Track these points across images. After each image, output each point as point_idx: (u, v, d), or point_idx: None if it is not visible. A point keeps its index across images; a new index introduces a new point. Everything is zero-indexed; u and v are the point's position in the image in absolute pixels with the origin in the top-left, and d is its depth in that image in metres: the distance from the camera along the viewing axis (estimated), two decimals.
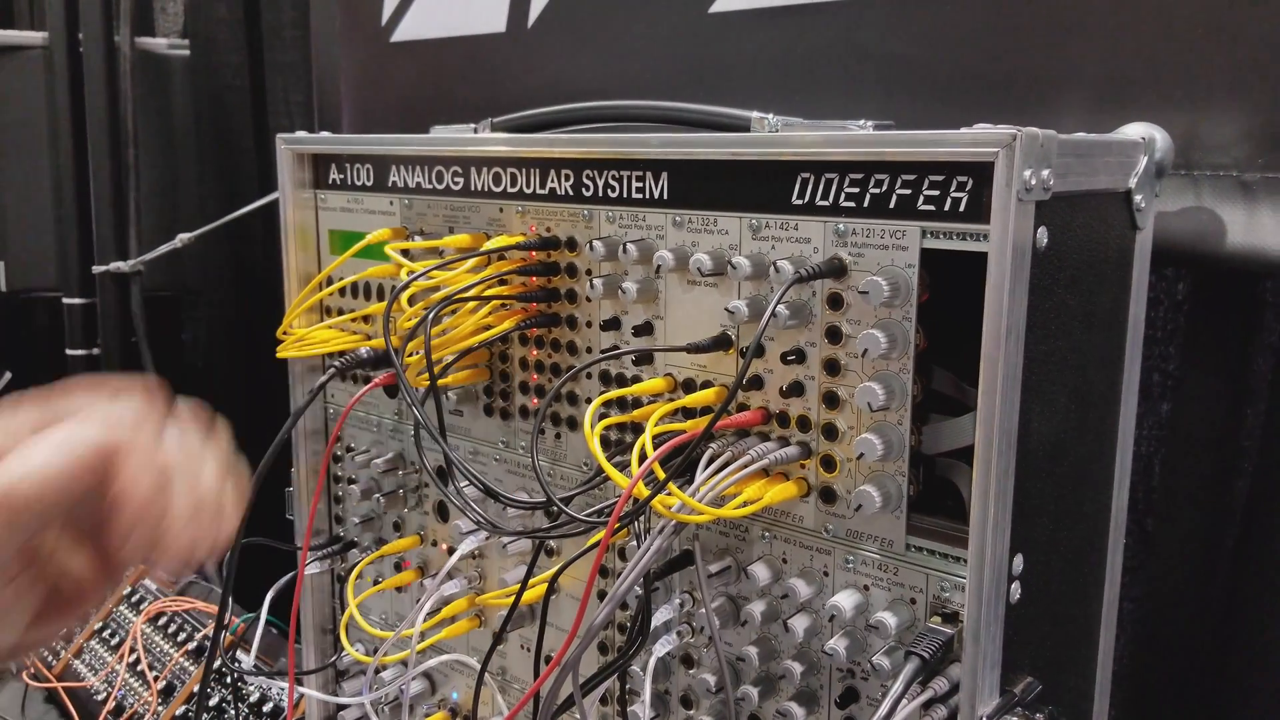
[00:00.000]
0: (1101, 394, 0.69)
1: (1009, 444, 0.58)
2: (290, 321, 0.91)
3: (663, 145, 0.72)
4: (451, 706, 0.95)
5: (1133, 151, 0.68)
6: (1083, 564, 0.71)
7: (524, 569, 0.85)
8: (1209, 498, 0.92)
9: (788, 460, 0.67)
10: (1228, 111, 0.75)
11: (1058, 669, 0.69)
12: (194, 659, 1.39)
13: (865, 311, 0.63)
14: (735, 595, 0.72)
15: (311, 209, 0.98)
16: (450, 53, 1.24)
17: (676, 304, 0.73)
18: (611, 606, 0.63)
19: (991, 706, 0.60)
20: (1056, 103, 0.82)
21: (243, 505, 0.54)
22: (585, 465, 0.81)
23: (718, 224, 0.70)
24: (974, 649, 0.59)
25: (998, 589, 0.60)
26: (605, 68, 1.10)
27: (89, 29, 1.79)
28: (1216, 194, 0.77)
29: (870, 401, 0.61)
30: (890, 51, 0.90)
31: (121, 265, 1.77)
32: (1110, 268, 0.68)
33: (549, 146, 0.79)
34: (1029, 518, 0.61)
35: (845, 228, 0.64)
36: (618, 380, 0.77)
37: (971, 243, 0.59)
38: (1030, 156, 0.56)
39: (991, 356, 0.57)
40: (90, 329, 1.89)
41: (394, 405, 0.96)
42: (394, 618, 1.00)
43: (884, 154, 0.61)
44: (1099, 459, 0.70)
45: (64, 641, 1.53)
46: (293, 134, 0.98)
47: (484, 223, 0.84)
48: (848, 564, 0.67)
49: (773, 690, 0.71)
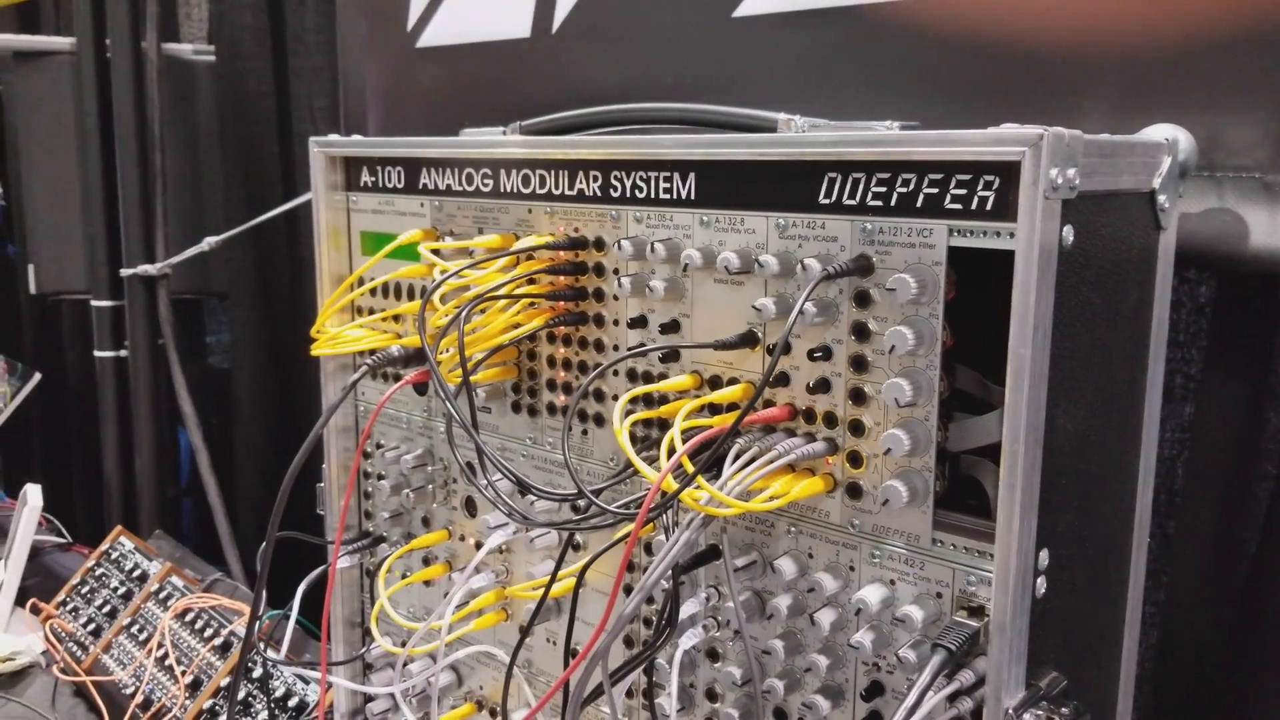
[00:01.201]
0: (1125, 392, 0.70)
1: (1035, 439, 0.59)
2: (324, 321, 0.93)
3: (690, 146, 0.73)
4: (479, 698, 0.97)
5: (1156, 152, 0.69)
6: (1107, 562, 0.71)
7: (550, 563, 0.87)
8: (1231, 501, 0.92)
9: (814, 456, 0.68)
10: (1251, 113, 0.76)
11: (1081, 666, 0.69)
12: (220, 654, 1.40)
13: (892, 308, 0.64)
14: (761, 590, 0.73)
15: (343, 211, 1.00)
16: (475, 58, 1.26)
17: (703, 302, 0.74)
18: (641, 597, 0.64)
19: (1017, 699, 0.61)
20: (1079, 105, 0.83)
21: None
22: (612, 461, 0.82)
23: (744, 223, 0.71)
24: (1000, 642, 0.60)
25: (1024, 583, 0.60)
26: (629, 72, 1.12)
27: (116, 34, 1.82)
28: (1239, 195, 0.77)
29: (897, 397, 0.62)
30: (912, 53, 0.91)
31: (149, 268, 1.80)
32: (1134, 267, 0.68)
33: (577, 149, 0.81)
34: (1054, 513, 0.62)
35: (872, 226, 0.65)
36: (644, 377, 0.78)
37: (998, 241, 0.60)
38: (1056, 156, 0.57)
39: (1019, 353, 0.58)
40: (119, 331, 1.92)
41: (423, 403, 0.97)
42: (421, 611, 1.01)
43: (911, 154, 0.62)
44: (1123, 457, 0.71)
45: (93, 637, 1.55)
46: (325, 137, 0.99)
47: (513, 223, 0.86)
48: (874, 558, 0.67)
49: (798, 684, 0.72)
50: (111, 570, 1.64)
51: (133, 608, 1.55)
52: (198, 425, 1.82)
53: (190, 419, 1.81)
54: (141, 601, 1.55)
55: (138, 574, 1.61)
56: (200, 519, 2.09)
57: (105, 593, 1.61)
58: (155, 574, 1.58)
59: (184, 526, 2.13)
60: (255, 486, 1.94)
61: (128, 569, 1.63)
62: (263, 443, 1.90)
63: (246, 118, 1.81)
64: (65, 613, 1.62)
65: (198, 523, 2.14)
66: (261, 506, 1.95)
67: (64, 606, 1.64)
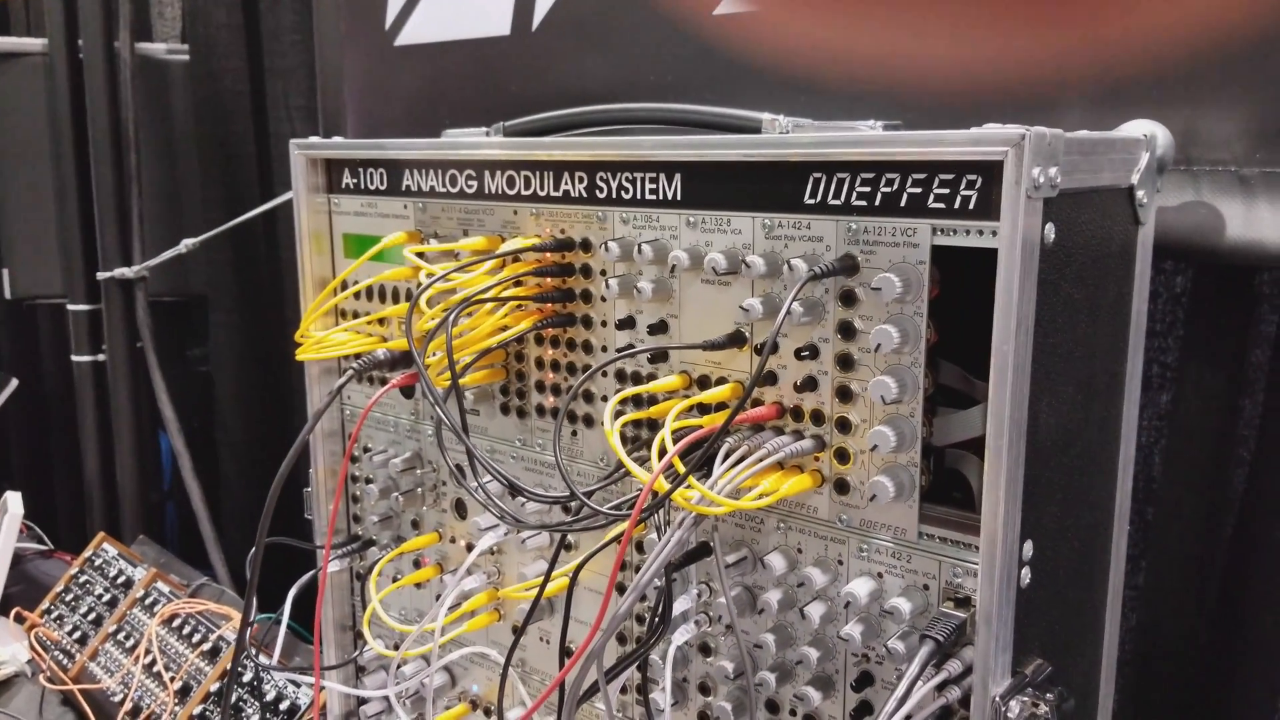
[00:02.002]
0: (1106, 385, 0.71)
1: (1019, 434, 0.60)
2: (308, 325, 0.93)
3: (676, 147, 0.74)
4: (472, 699, 0.97)
5: (1135, 148, 0.70)
6: (1089, 550, 0.73)
7: (542, 564, 0.87)
8: (1208, 487, 0.94)
9: (803, 453, 0.68)
10: (1226, 108, 0.77)
11: (1066, 652, 0.71)
12: (209, 659, 1.40)
13: (877, 307, 0.65)
14: (751, 585, 0.74)
15: (325, 213, 1.00)
16: (455, 56, 1.26)
17: (690, 302, 0.75)
18: (635, 596, 0.65)
19: (1004, 687, 0.62)
20: (1057, 102, 0.84)
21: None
22: (601, 462, 0.83)
23: (731, 224, 0.72)
24: (986, 632, 0.61)
25: (1009, 574, 0.62)
26: (610, 70, 1.12)
27: (88, 35, 1.80)
28: (1215, 189, 0.79)
29: (883, 395, 0.63)
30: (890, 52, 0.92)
31: (126, 271, 1.78)
32: (1114, 262, 0.70)
33: (563, 150, 0.81)
34: (1038, 505, 0.63)
35: (857, 226, 0.66)
36: (633, 378, 0.79)
37: (981, 239, 0.61)
38: (1038, 155, 0.58)
39: (1002, 350, 0.59)
40: (96, 335, 1.90)
41: (410, 406, 0.97)
42: (413, 614, 1.02)
43: (896, 154, 0.63)
44: (1104, 448, 0.72)
45: (79, 645, 1.54)
46: (306, 139, 0.99)
47: (498, 225, 0.86)
48: (862, 552, 0.69)
49: (789, 676, 0.73)
50: (96, 577, 1.63)
51: (118, 614, 1.55)
52: (179, 429, 1.80)
53: (171, 423, 1.80)
54: (127, 608, 1.55)
55: (122, 580, 1.60)
56: (183, 524, 2.07)
57: (90, 600, 1.60)
58: (140, 580, 1.57)
59: (167, 531, 2.11)
60: (239, 490, 1.93)
61: (112, 575, 1.62)
62: (245, 446, 1.89)
63: (222, 117, 1.80)
64: (50, 621, 1.61)
65: (180, 527, 2.13)
66: (246, 510, 1.94)
67: (48, 614, 1.63)
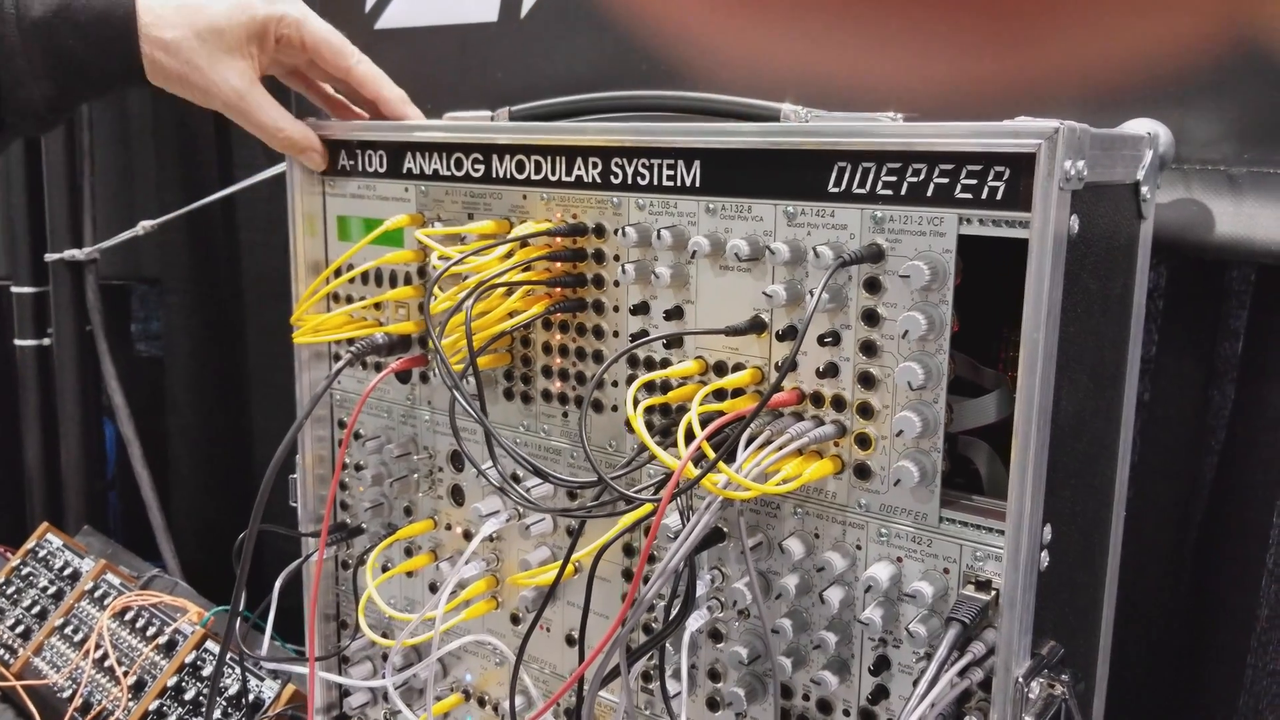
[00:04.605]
0: (1111, 374, 0.74)
1: (1045, 421, 0.62)
2: (303, 309, 0.91)
3: (696, 134, 0.74)
4: (465, 688, 0.96)
5: (1140, 145, 0.73)
6: (1093, 534, 0.75)
7: (545, 551, 0.87)
8: (1181, 474, 0.98)
9: (825, 439, 0.69)
10: (1215, 109, 0.80)
11: (1072, 634, 0.73)
12: (165, 653, 1.36)
13: (902, 295, 0.66)
14: (766, 570, 0.75)
15: (319, 195, 0.97)
16: (439, 41, 1.24)
17: (707, 289, 0.75)
18: (661, 581, 0.65)
19: (1025, 668, 0.64)
20: (1054, 99, 0.86)
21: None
22: (609, 446, 0.82)
23: (752, 210, 0.72)
24: (1010, 615, 0.63)
25: (1032, 557, 0.63)
26: (602, 58, 1.11)
27: None
28: (1205, 187, 0.82)
29: (910, 380, 0.64)
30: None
31: (76, 253, 1.71)
32: (1121, 254, 0.72)
33: (577, 135, 0.80)
34: (1056, 490, 0.65)
35: (883, 214, 0.66)
36: (646, 364, 0.79)
37: (1009, 230, 0.62)
38: (1069, 148, 0.59)
39: (1032, 338, 0.60)
40: (41, 319, 1.83)
41: (405, 391, 0.96)
42: (404, 602, 1.00)
43: (924, 144, 0.64)
44: (1108, 435, 0.75)
45: (22, 640, 1.48)
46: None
47: (506, 209, 0.85)
48: (881, 537, 0.70)
49: (804, 661, 0.74)
50: (39, 569, 1.57)
51: (65, 608, 1.49)
52: (129, 416, 1.74)
53: (121, 409, 1.74)
54: (75, 601, 1.49)
55: (69, 572, 1.54)
56: (127, 513, 2.01)
57: (34, 593, 1.54)
58: (88, 572, 1.51)
59: (110, 522, 2.04)
60: (189, 477, 1.88)
61: (57, 567, 1.56)
62: (198, 431, 1.84)
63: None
64: None
65: (124, 517, 2.06)
66: (195, 498, 1.89)
67: None
